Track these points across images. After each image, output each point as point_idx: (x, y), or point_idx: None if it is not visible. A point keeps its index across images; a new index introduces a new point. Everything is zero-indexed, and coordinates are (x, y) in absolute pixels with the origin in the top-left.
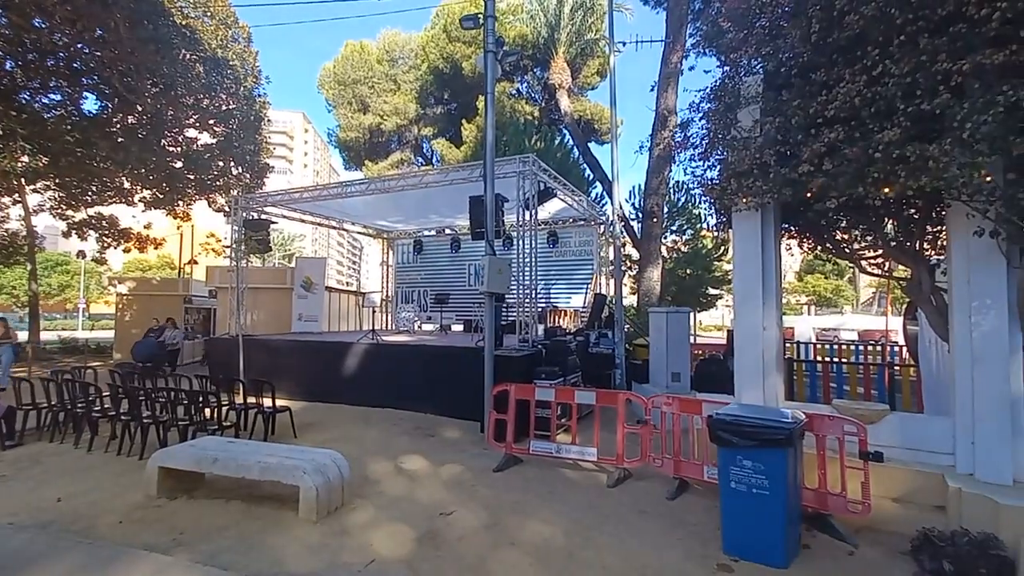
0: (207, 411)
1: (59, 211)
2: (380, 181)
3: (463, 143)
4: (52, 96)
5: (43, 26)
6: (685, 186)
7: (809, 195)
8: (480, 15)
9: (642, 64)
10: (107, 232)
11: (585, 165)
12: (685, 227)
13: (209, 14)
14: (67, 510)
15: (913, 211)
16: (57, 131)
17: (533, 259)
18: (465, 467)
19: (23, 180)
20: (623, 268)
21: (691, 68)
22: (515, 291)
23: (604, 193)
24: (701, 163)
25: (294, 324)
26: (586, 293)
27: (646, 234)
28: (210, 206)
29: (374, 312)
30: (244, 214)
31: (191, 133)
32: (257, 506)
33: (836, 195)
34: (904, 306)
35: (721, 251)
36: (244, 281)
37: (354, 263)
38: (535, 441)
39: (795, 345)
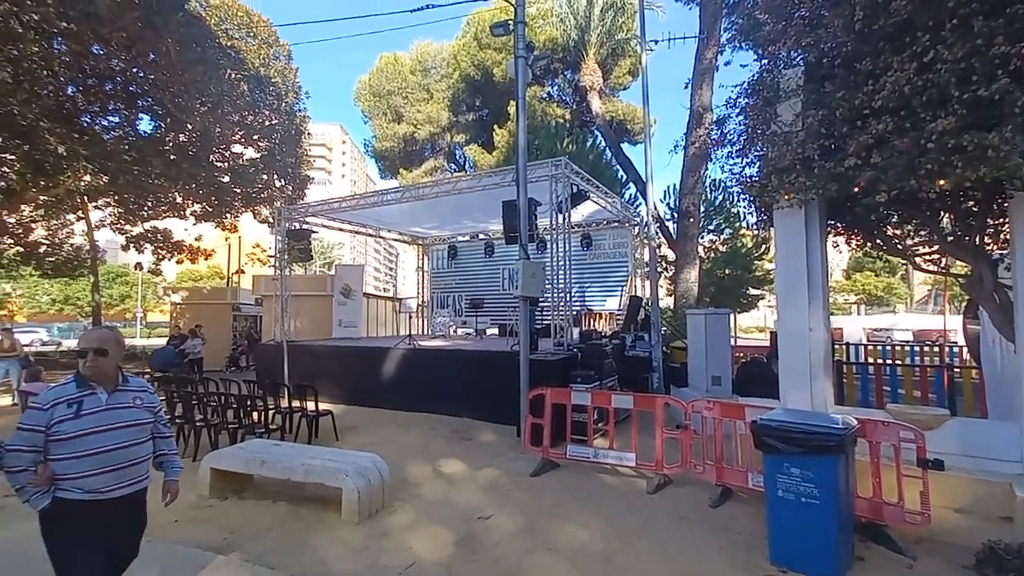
0: (255, 415)
1: (118, 226)
2: (415, 188)
3: (495, 148)
4: (110, 118)
5: (101, 52)
6: (722, 184)
7: (857, 189)
8: (510, 21)
9: (675, 62)
10: (162, 245)
11: (618, 166)
12: (723, 226)
13: (252, 34)
14: None
15: (971, 203)
16: (115, 151)
17: (567, 262)
18: (502, 471)
19: (86, 198)
20: (659, 269)
21: (727, 63)
22: (549, 294)
23: (638, 194)
24: (739, 160)
25: (335, 330)
26: (621, 295)
27: (682, 234)
28: (255, 217)
29: (411, 317)
30: (287, 224)
31: (237, 148)
32: (302, 507)
33: (886, 189)
34: (964, 304)
35: (762, 250)
36: (288, 289)
37: (391, 270)
38: (572, 445)
39: (844, 347)
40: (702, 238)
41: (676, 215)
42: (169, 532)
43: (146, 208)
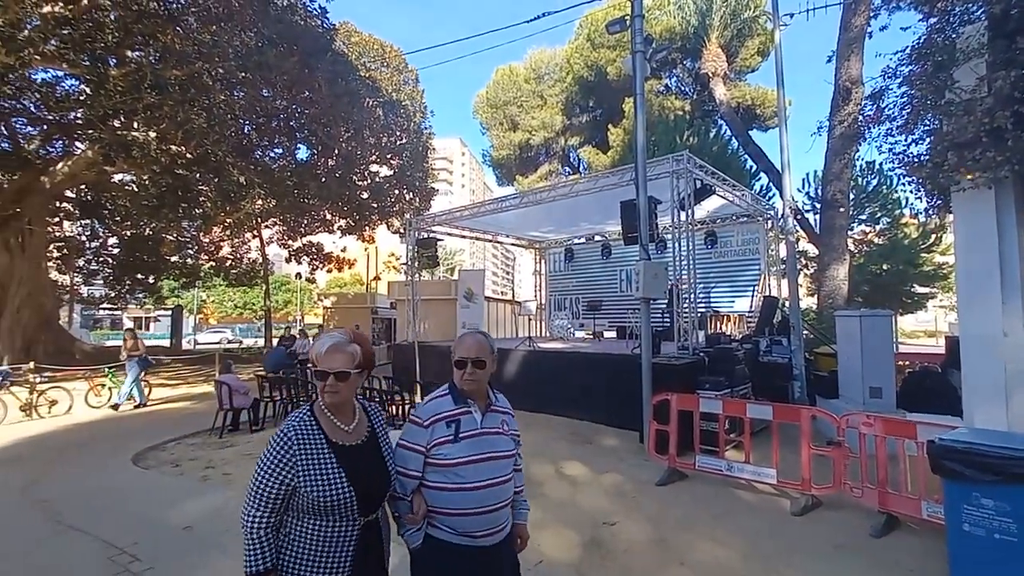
0: (393, 408)
1: (282, 241)
2: (532, 193)
3: (610, 148)
4: (276, 150)
5: (268, 95)
6: (878, 167)
7: None
8: (626, 17)
9: (812, 34)
10: (315, 256)
11: (747, 156)
12: (879, 215)
13: (385, 64)
14: None
15: None
16: (281, 178)
17: (691, 261)
18: (626, 477)
19: (259, 219)
20: (798, 267)
21: (883, 28)
22: (672, 295)
23: (771, 184)
24: (902, 137)
25: (458, 332)
26: (752, 296)
27: (827, 226)
28: (388, 228)
29: (529, 320)
30: (416, 234)
31: (374, 168)
32: None
33: None
34: None
35: (931, 240)
36: (417, 294)
37: (508, 273)
38: (701, 456)
39: None
40: (851, 230)
41: (819, 205)
42: None
43: (303, 225)
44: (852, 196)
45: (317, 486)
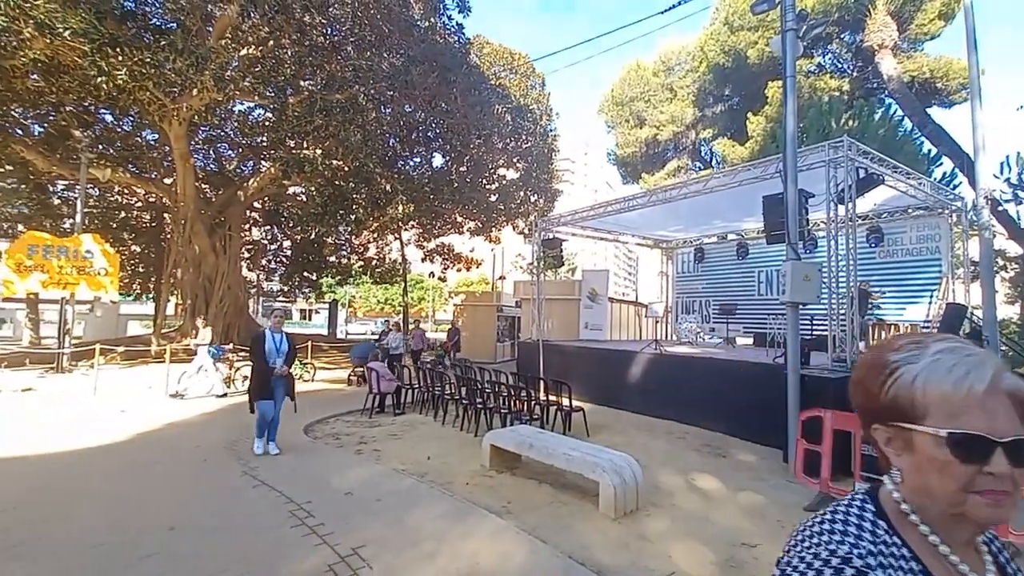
0: (518, 403)
1: (419, 243)
2: (662, 191)
3: (747, 139)
4: (415, 159)
5: (411, 110)
6: None
7: None
8: None
9: None
10: (447, 256)
11: (923, 138)
12: None
13: (513, 70)
14: (433, 466)
15: None
16: (419, 184)
17: (850, 262)
18: (767, 498)
19: (400, 223)
20: (995, 268)
21: None
22: (825, 301)
23: (956, 170)
24: None
25: (581, 332)
26: (930, 303)
27: None
28: (514, 230)
29: (656, 322)
30: (541, 235)
31: (501, 171)
32: (562, 492)
33: None
34: None
35: None
36: (542, 293)
37: (630, 274)
38: (862, 484)
39: None
40: None
41: (1023, 194)
42: (463, 491)
43: (437, 227)
44: None
45: None
